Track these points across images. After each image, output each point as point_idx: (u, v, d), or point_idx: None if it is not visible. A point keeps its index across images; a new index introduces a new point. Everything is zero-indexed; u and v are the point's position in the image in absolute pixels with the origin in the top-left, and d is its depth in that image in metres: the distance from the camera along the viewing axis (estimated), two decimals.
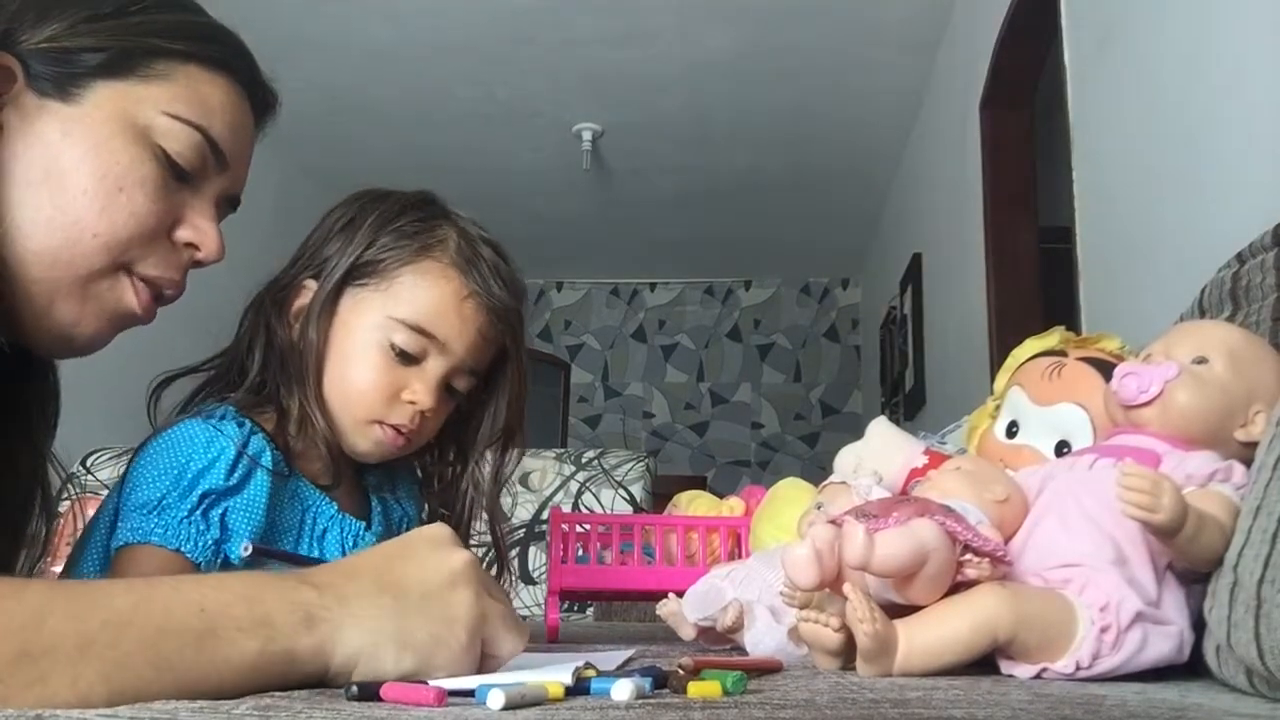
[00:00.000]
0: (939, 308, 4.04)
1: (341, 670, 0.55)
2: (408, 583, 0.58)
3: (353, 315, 0.97)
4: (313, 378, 0.95)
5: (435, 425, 1.00)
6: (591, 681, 0.53)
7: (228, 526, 0.88)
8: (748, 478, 6.35)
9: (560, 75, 4.32)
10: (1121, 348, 0.96)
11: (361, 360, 0.95)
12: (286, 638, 0.53)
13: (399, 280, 0.97)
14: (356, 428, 0.96)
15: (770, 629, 0.88)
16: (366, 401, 0.96)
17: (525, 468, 2.51)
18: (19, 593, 0.48)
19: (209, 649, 0.50)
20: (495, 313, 0.99)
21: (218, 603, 0.52)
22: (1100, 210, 2.27)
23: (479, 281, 0.99)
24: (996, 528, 0.75)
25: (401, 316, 0.95)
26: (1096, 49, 2.29)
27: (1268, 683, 0.61)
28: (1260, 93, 1.51)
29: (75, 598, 0.49)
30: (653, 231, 6.02)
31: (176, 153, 0.76)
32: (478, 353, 0.99)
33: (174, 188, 0.77)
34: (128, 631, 0.48)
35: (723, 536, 1.24)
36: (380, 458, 1.00)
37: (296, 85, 4.91)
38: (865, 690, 0.59)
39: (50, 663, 0.46)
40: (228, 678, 0.51)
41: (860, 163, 5.01)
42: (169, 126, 0.75)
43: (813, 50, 4.02)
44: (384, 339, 0.95)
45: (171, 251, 0.79)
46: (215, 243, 0.80)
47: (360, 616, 0.55)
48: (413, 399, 0.96)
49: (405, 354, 0.95)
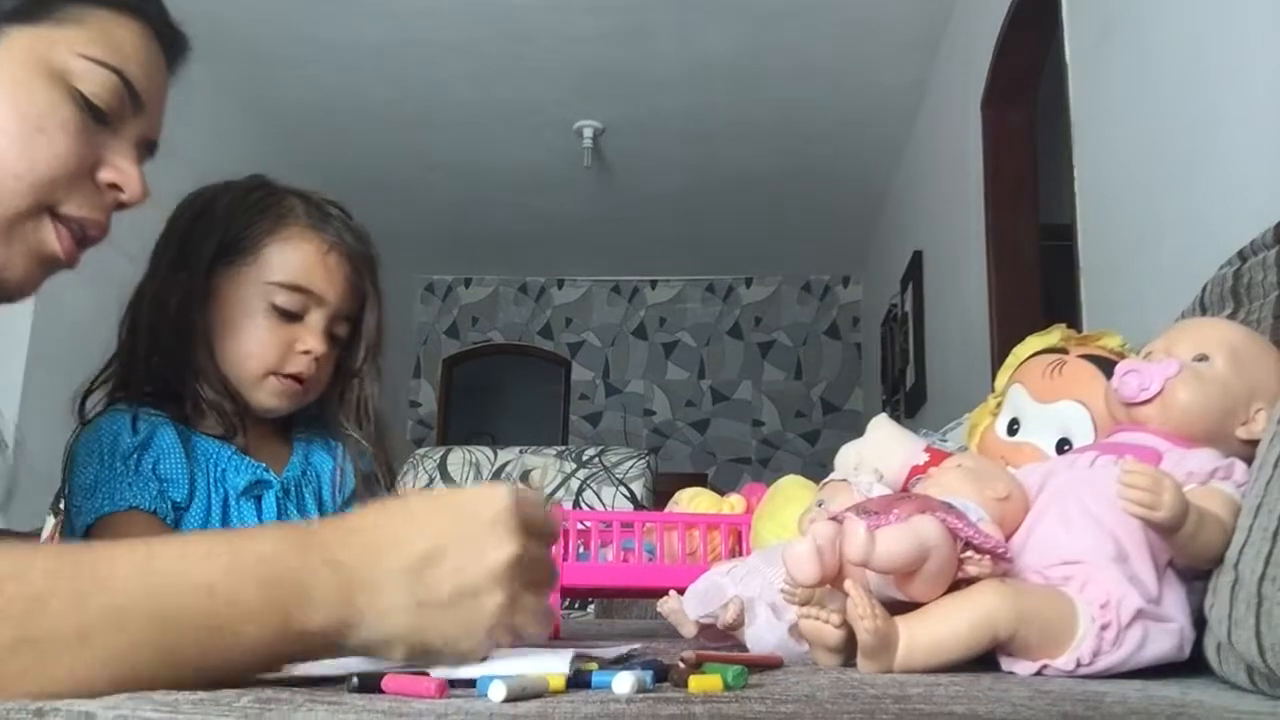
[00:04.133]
0: (940, 305, 4.04)
1: (353, 653, 0.54)
2: (441, 577, 0.54)
3: (231, 291, 1.07)
4: (205, 356, 1.06)
5: (327, 370, 1.12)
6: (593, 674, 0.53)
7: (161, 475, 1.02)
8: (748, 475, 6.35)
9: (561, 73, 4.31)
10: (1122, 345, 0.96)
11: (250, 326, 1.06)
12: (299, 623, 0.51)
13: (265, 249, 1.07)
14: (256, 384, 1.07)
15: (771, 626, 0.88)
16: (262, 359, 1.06)
17: (526, 465, 2.51)
18: (23, 571, 0.47)
19: (216, 638, 0.49)
20: (354, 260, 1.12)
21: (228, 586, 0.50)
22: (1101, 207, 2.27)
23: (335, 235, 1.11)
24: (997, 525, 0.75)
25: (278, 280, 1.06)
26: (1097, 46, 2.29)
27: (1268, 680, 0.61)
28: (1261, 89, 1.51)
29: (79, 575, 0.48)
30: (654, 229, 6.02)
31: (94, 94, 0.76)
32: (348, 299, 1.11)
33: (93, 129, 0.77)
34: (131, 619, 0.47)
35: (723, 534, 1.24)
36: (287, 408, 1.10)
37: (296, 85, 4.93)
38: (866, 686, 0.59)
39: (50, 650, 0.45)
40: (235, 661, 0.50)
41: (861, 160, 5.00)
42: (85, 69, 0.75)
43: (814, 48, 4.02)
44: (266, 303, 1.06)
45: (95, 192, 0.79)
46: (137, 183, 0.80)
47: (380, 611, 0.53)
48: (305, 349, 1.07)
49: (288, 312, 1.07)
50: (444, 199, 5.68)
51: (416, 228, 6.13)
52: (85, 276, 0.89)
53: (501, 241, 6.30)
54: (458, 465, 2.55)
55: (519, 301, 7.06)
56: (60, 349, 3.12)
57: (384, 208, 5.79)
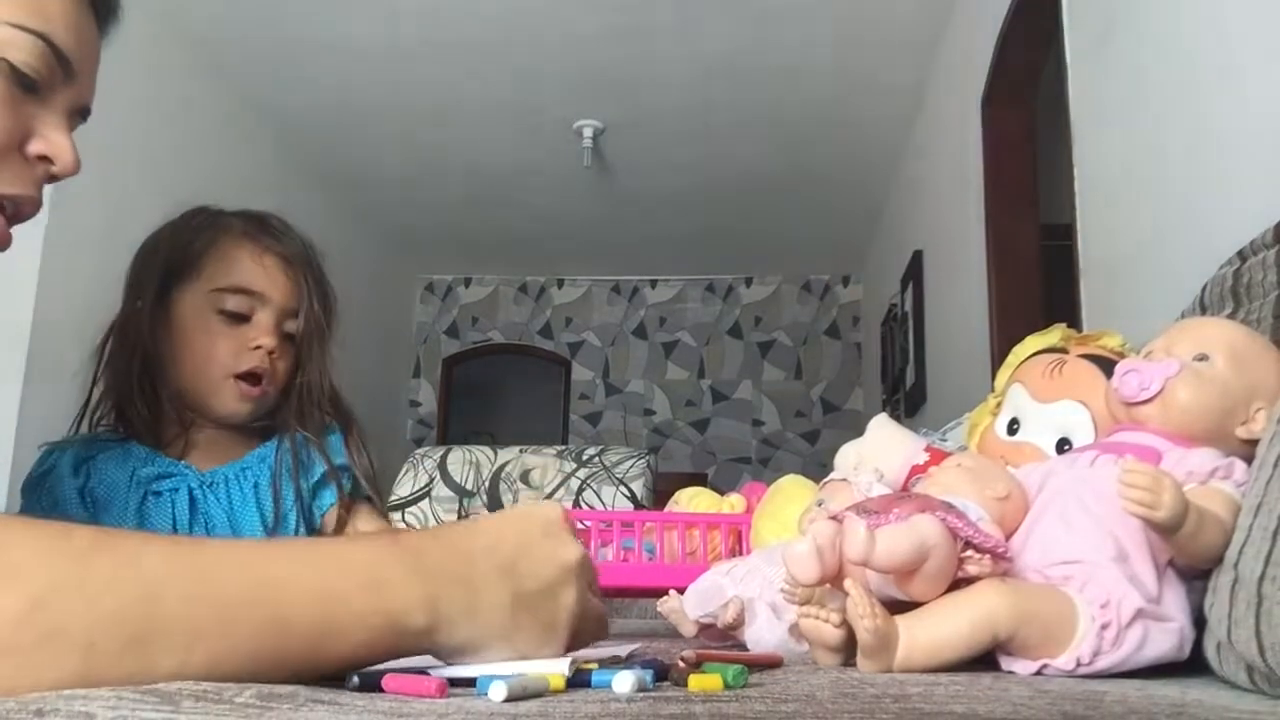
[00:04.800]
0: (940, 305, 4.04)
1: (446, 655, 0.54)
2: (523, 573, 0.56)
3: (181, 308, 1.14)
4: (165, 376, 1.13)
5: (284, 368, 1.17)
6: (593, 674, 0.53)
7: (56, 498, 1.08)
8: (748, 475, 6.35)
9: (561, 72, 4.31)
10: (1122, 345, 0.97)
11: (203, 334, 1.13)
12: (401, 624, 0.51)
13: (206, 263, 1.14)
14: (216, 388, 1.13)
15: (771, 625, 0.88)
16: (220, 363, 1.13)
17: (526, 464, 2.51)
18: (136, 560, 0.46)
19: (323, 640, 0.49)
20: (290, 259, 1.17)
21: (334, 588, 0.50)
22: (1101, 207, 2.27)
23: (270, 239, 1.17)
24: (997, 524, 0.75)
25: (221, 285, 1.13)
26: (1097, 46, 2.29)
27: (1268, 679, 0.61)
28: (1261, 89, 1.51)
29: (192, 571, 0.47)
30: (653, 228, 6.02)
31: (22, 62, 0.73)
32: (292, 296, 1.17)
33: (21, 100, 0.74)
34: (240, 622, 0.47)
35: (723, 533, 1.24)
36: (249, 411, 1.15)
37: (298, 85, 4.93)
38: (866, 685, 0.59)
39: (160, 648, 0.45)
40: (336, 663, 0.50)
41: (861, 160, 5.00)
42: (11, 36, 0.73)
43: (814, 47, 4.02)
44: (214, 310, 1.13)
45: (25, 166, 0.76)
46: (70, 154, 0.78)
47: (477, 609, 0.54)
48: (258, 343, 1.13)
49: (237, 315, 1.13)
50: (444, 199, 5.68)
51: (416, 227, 6.13)
52: (87, 278, 0.89)
53: (501, 241, 6.30)
54: (458, 465, 2.54)
55: (519, 301, 7.06)
56: (59, 351, 3.13)
57: (384, 208, 5.80)
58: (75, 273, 3.14)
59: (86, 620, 0.44)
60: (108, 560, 0.45)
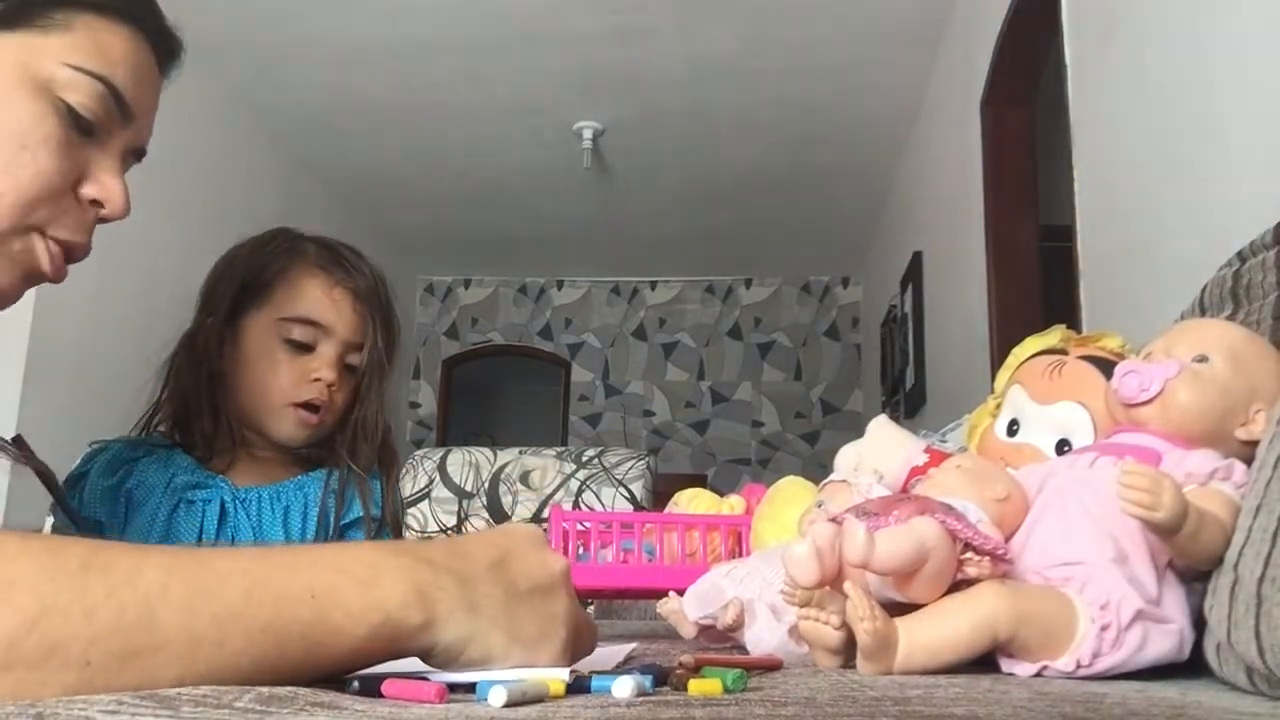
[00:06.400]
0: (939, 306, 4.04)
1: (446, 652, 0.54)
2: (515, 574, 0.57)
3: (249, 331, 1.17)
4: (228, 394, 1.16)
5: (342, 399, 1.19)
6: (592, 679, 0.53)
7: (86, 500, 1.12)
8: (748, 476, 6.35)
9: (560, 73, 4.31)
10: (1122, 346, 0.96)
11: (266, 360, 1.16)
12: (396, 621, 0.51)
13: (277, 289, 1.17)
14: (274, 413, 1.16)
15: (771, 627, 0.88)
16: (279, 390, 1.15)
17: (526, 466, 2.51)
18: (134, 576, 0.46)
19: (320, 639, 0.49)
20: (361, 294, 1.20)
21: (330, 587, 0.50)
22: (1101, 208, 2.27)
23: (342, 273, 1.19)
24: (997, 526, 0.75)
25: (288, 314, 1.16)
26: (1097, 46, 2.29)
27: (1268, 681, 0.61)
28: (1261, 90, 1.51)
29: (190, 582, 0.47)
30: (653, 230, 6.03)
31: (80, 104, 0.73)
32: (357, 330, 1.19)
33: (78, 143, 0.75)
34: (237, 628, 0.47)
35: (723, 535, 1.24)
36: (305, 438, 1.18)
37: (298, 85, 4.93)
38: (866, 688, 0.59)
39: (160, 660, 0.45)
40: (335, 662, 0.50)
41: (861, 160, 5.01)
42: (70, 78, 0.73)
43: (813, 48, 4.02)
44: (279, 339, 1.16)
45: (78, 209, 0.77)
46: (121, 199, 0.78)
47: (473, 600, 0.54)
48: (318, 375, 1.15)
49: (301, 344, 1.16)
50: (444, 199, 5.68)
51: (416, 228, 6.13)
52: (86, 278, 0.89)
53: (501, 242, 6.31)
54: (457, 466, 2.54)
55: (519, 302, 7.06)
56: (59, 352, 3.13)
57: (384, 208, 5.80)
58: (75, 272, 3.14)
59: (85, 635, 0.43)
60: (104, 574, 0.45)
